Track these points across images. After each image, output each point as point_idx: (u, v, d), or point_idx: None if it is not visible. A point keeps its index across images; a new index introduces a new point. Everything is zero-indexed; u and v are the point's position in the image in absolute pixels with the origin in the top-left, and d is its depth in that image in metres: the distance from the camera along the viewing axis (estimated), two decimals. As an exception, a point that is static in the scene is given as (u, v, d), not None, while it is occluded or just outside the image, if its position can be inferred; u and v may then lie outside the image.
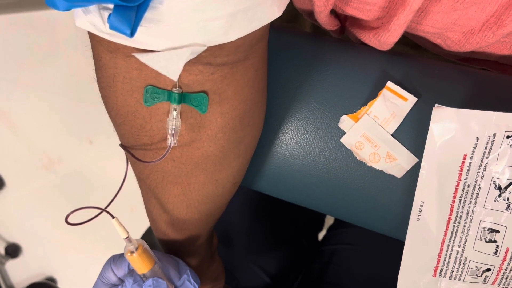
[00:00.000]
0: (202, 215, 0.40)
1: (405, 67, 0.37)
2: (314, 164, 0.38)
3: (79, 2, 0.25)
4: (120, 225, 0.36)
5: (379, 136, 0.36)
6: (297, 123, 0.38)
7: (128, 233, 0.36)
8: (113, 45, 0.29)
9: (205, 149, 0.34)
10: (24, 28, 1.43)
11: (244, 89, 0.33)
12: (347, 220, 0.41)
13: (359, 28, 0.39)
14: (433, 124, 0.32)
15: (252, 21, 0.28)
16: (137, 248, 0.36)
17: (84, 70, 1.42)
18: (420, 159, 0.35)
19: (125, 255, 0.37)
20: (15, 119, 1.56)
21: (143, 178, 0.38)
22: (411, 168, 0.36)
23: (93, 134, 1.51)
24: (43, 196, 1.63)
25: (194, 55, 0.28)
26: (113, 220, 0.35)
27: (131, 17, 0.25)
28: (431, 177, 0.33)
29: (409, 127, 0.36)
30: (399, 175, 0.36)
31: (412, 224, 0.35)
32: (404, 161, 0.35)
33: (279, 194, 0.43)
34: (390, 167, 0.36)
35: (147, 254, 0.37)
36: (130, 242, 0.36)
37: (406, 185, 0.36)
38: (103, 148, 1.52)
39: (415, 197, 0.34)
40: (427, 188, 0.33)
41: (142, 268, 0.36)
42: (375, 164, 0.36)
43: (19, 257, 1.68)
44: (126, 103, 0.32)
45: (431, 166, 0.33)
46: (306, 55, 0.39)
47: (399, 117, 0.35)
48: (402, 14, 0.32)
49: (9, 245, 1.66)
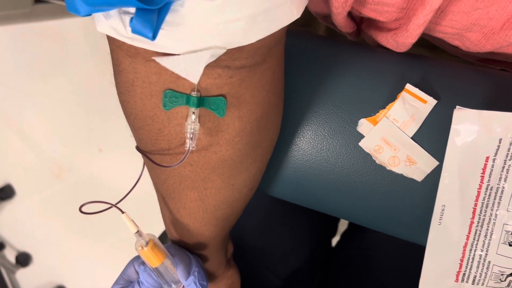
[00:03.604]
0: (218, 221, 0.40)
1: (423, 69, 0.36)
2: (332, 168, 0.38)
3: (101, 6, 0.25)
4: (129, 219, 0.36)
5: (399, 139, 0.35)
6: (314, 127, 0.38)
7: (138, 228, 0.36)
8: (133, 49, 0.29)
9: (223, 153, 0.34)
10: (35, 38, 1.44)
11: (261, 92, 0.33)
12: (366, 225, 0.41)
13: (376, 29, 0.39)
14: (454, 126, 0.32)
15: (272, 23, 0.28)
16: (148, 242, 0.36)
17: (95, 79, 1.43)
18: (440, 162, 0.35)
19: (136, 250, 0.37)
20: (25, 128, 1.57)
21: (160, 183, 0.38)
22: (431, 171, 0.35)
23: (103, 142, 1.52)
24: (53, 205, 1.63)
25: (214, 58, 0.28)
26: (123, 215, 0.36)
27: (153, 21, 0.25)
28: (452, 180, 0.33)
29: (429, 130, 0.35)
30: (419, 179, 0.36)
31: (433, 228, 0.34)
32: (424, 164, 0.35)
33: (295, 199, 0.42)
34: (410, 171, 0.36)
35: (158, 248, 0.37)
36: (141, 237, 0.37)
37: (427, 188, 0.36)
38: (113, 157, 1.52)
39: (436, 200, 0.34)
40: (448, 191, 0.33)
41: (153, 261, 0.37)
42: (395, 168, 0.36)
43: (29, 266, 1.68)
44: (144, 108, 0.32)
45: (452, 169, 0.32)
46: (322, 58, 0.39)
47: (418, 119, 0.35)
48: (421, 13, 0.31)
49: (19, 254, 1.66)
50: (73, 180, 1.59)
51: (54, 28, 1.41)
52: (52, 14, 1.32)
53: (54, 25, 1.40)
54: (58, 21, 1.38)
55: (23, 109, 1.54)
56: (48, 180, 1.60)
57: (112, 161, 1.53)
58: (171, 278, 0.39)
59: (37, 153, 1.58)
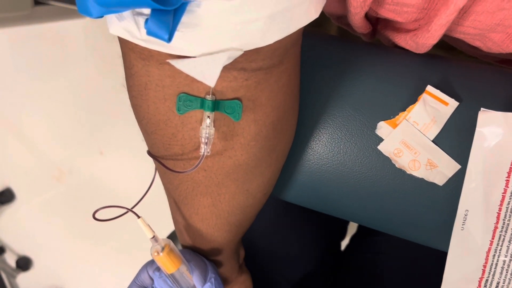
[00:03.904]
0: (231, 226, 0.39)
1: (443, 70, 0.35)
2: (349, 172, 0.37)
3: (114, 7, 0.24)
4: (145, 224, 0.35)
5: (419, 143, 0.34)
6: (331, 130, 0.37)
7: (154, 233, 0.35)
8: (146, 52, 0.28)
9: (237, 158, 0.33)
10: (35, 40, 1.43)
11: (278, 95, 0.32)
12: (385, 230, 0.40)
13: (393, 30, 0.38)
14: (479, 129, 0.31)
15: (290, 23, 0.27)
16: (163, 248, 0.36)
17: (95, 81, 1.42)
18: (462, 165, 0.34)
19: (151, 255, 0.36)
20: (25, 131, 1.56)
21: (172, 188, 0.37)
22: (453, 175, 0.34)
23: (104, 145, 1.51)
24: (54, 208, 1.62)
25: (231, 60, 0.27)
26: (139, 219, 0.35)
27: (169, 22, 0.24)
28: (476, 184, 0.32)
29: (451, 133, 0.34)
30: (440, 183, 0.35)
31: (456, 233, 0.33)
32: (446, 168, 0.34)
33: (310, 204, 0.41)
34: (431, 174, 0.35)
35: (174, 253, 0.36)
36: (156, 242, 0.36)
37: (448, 193, 0.35)
38: (115, 159, 1.51)
39: (459, 205, 0.33)
40: (472, 195, 0.32)
41: (169, 267, 0.36)
42: (415, 172, 0.35)
43: (30, 270, 1.67)
44: (158, 112, 0.31)
45: (477, 172, 0.32)
46: (337, 59, 0.38)
47: (439, 122, 0.34)
48: (444, 13, 0.30)
49: (20, 258, 1.65)
50: (74, 183, 1.58)
51: (54, 30, 1.40)
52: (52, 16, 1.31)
53: (54, 27, 1.39)
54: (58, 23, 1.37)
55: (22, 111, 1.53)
56: (48, 184, 1.59)
57: (113, 164, 1.51)
58: (186, 285, 0.38)
59: (37, 156, 1.57)
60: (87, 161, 1.53)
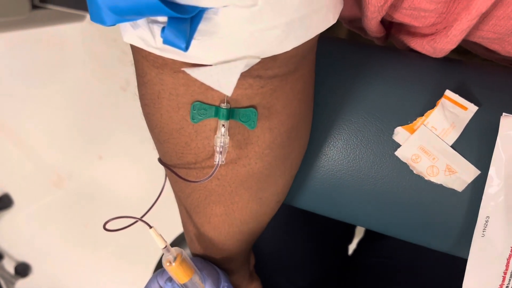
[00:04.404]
0: (244, 235, 0.38)
1: (461, 74, 0.35)
2: (365, 178, 0.36)
3: (129, 16, 0.24)
4: (157, 234, 0.34)
5: (438, 148, 0.33)
6: (346, 136, 0.36)
7: (166, 242, 0.35)
8: (160, 60, 0.27)
9: (251, 166, 0.32)
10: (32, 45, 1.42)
11: (293, 102, 0.31)
12: (403, 237, 0.39)
13: (408, 35, 0.37)
14: (501, 134, 0.30)
15: (308, 30, 0.26)
16: (176, 258, 0.35)
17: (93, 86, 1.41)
18: (482, 171, 0.33)
19: (163, 265, 0.35)
20: (23, 136, 1.55)
21: (184, 197, 0.36)
22: (472, 181, 0.34)
23: (103, 149, 1.50)
24: (53, 214, 1.61)
25: (247, 68, 0.26)
26: (151, 229, 0.34)
27: (186, 30, 0.24)
28: (498, 191, 0.31)
29: (470, 138, 0.33)
30: (460, 189, 0.34)
31: (476, 240, 0.33)
32: (465, 174, 0.33)
33: (324, 211, 0.40)
34: (450, 181, 0.34)
35: (186, 263, 0.35)
36: (169, 252, 0.35)
37: (468, 199, 0.34)
38: (114, 164, 1.50)
39: (480, 212, 0.32)
40: (493, 202, 0.31)
41: (181, 277, 0.35)
42: (434, 178, 0.34)
43: (29, 276, 1.65)
44: (171, 120, 0.30)
45: (498, 178, 0.31)
46: (351, 64, 0.37)
47: (459, 127, 0.33)
48: (465, 18, 0.30)
49: (18, 265, 1.64)
50: (73, 189, 1.57)
51: (51, 34, 1.39)
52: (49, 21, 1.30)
53: (52, 31, 1.38)
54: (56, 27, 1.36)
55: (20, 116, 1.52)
56: (46, 189, 1.58)
57: (112, 168, 1.50)
58: None
59: (35, 162, 1.56)
60: (85, 166, 1.52)
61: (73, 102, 1.46)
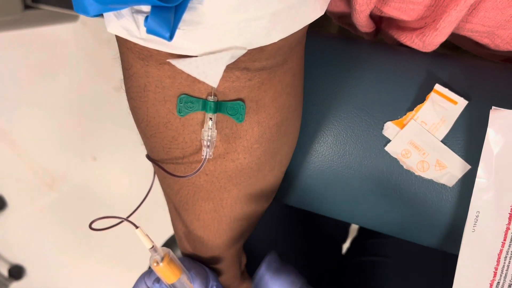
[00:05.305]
0: (233, 232, 0.38)
1: (450, 68, 0.35)
2: (355, 174, 0.36)
3: (113, 5, 0.23)
4: (144, 234, 0.34)
5: (428, 143, 0.33)
6: (335, 131, 0.36)
7: (153, 243, 0.34)
8: (145, 52, 0.26)
9: (240, 161, 0.32)
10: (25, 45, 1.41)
11: (281, 95, 0.31)
12: (394, 234, 0.39)
13: (398, 29, 0.37)
14: (490, 128, 0.30)
15: (296, 21, 0.26)
16: (163, 258, 0.34)
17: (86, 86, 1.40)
18: (472, 166, 0.33)
19: (151, 266, 0.35)
20: (16, 138, 1.54)
21: (173, 193, 0.35)
22: (463, 175, 0.33)
23: (97, 150, 1.49)
24: (47, 216, 1.60)
25: (234, 59, 0.25)
26: (137, 230, 0.34)
27: (170, 19, 0.23)
28: (488, 185, 0.31)
29: (460, 132, 0.33)
30: (450, 184, 0.34)
31: (466, 235, 0.32)
32: (456, 169, 0.33)
33: (314, 208, 0.40)
34: (440, 176, 0.34)
35: (174, 263, 0.35)
36: (156, 252, 0.34)
37: (458, 194, 0.34)
38: (107, 165, 1.49)
39: (470, 207, 0.32)
40: (483, 197, 0.31)
41: (169, 277, 0.35)
42: (424, 173, 0.34)
43: (23, 278, 1.64)
44: (158, 114, 0.29)
45: (488, 173, 0.31)
46: (341, 59, 0.37)
47: (449, 122, 0.33)
48: (454, 10, 0.30)
49: (12, 267, 1.63)
50: (67, 190, 1.56)
51: (44, 34, 1.38)
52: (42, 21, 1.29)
53: (44, 31, 1.37)
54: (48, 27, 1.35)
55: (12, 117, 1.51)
56: (40, 191, 1.57)
57: (106, 169, 1.50)
58: None
59: (28, 163, 1.55)
60: (79, 167, 1.51)
61: (66, 103, 1.46)
